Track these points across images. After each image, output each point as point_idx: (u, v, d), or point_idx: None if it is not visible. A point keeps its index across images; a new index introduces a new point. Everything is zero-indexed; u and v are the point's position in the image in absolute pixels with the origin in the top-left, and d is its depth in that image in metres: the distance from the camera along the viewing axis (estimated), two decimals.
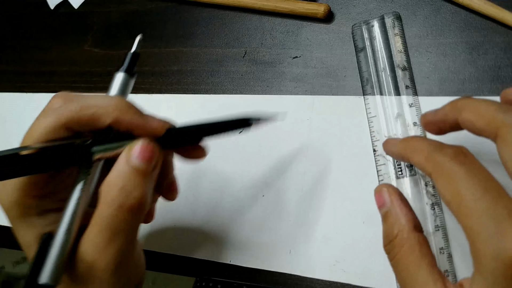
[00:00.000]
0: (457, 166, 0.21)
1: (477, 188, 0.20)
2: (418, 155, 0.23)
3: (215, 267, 0.35)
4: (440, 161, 0.22)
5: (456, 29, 0.34)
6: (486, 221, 0.19)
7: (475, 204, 0.19)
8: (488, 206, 0.19)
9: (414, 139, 0.26)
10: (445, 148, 0.22)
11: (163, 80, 0.42)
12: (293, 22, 0.39)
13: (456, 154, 0.22)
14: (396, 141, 0.27)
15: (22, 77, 0.50)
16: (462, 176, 0.21)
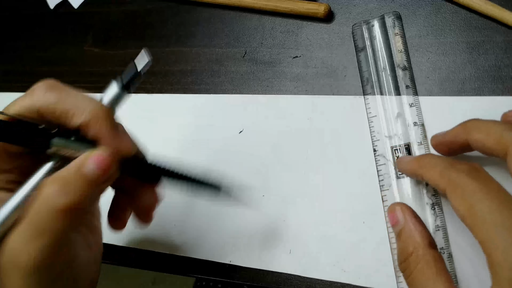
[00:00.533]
0: (471, 181, 0.21)
1: (492, 202, 0.20)
2: (432, 171, 0.24)
3: (215, 267, 0.34)
4: (454, 177, 0.22)
5: (457, 28, 0.34)
6: (502, 233, 0.19)
7: (490, 216, 0.20)
8: (503, 219, 0.19)
9: (428, 157, 0.26)
10: (458, 164, 0.23)
11: (163, 80, 0.42)
12: (293, 22, 0.39)
13: (469, 170, 0.22)
14: (409, 158, 0.28)
15: (22, 77, 0.50)
16: (476, 190, 0.21)
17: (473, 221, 0.21)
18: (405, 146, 0.32)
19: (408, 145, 0.32)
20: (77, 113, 0.24)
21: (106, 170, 0.23)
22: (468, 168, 0.23)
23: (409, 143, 0.32)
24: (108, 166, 0.23)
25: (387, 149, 0.33)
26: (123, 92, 0.26)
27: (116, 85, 0.26)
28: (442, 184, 0.23)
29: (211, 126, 0.39)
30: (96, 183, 0.23)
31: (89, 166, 0.23)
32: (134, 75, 0.26)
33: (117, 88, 0.26)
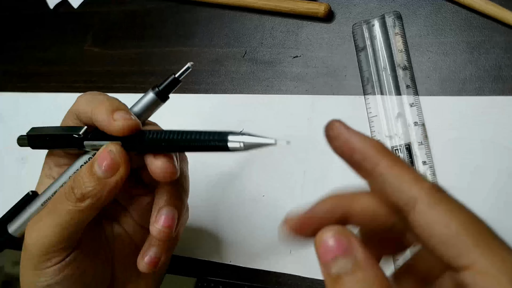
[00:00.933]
0: (448, 196, 0.18)
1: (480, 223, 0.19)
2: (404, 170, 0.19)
3: (216, 267, 0.34)
4: (430, 186, 0.18)
5: (457, 28, 0.33)
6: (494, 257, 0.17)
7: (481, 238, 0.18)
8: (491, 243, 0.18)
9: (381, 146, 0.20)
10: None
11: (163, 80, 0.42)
12: (293, 22, 0.39)
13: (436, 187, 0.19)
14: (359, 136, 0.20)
15: (23, 77, 0.50)
16: (460, 207, 0.19)
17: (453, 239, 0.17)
18: (406, 146, 0.32)
19: (408, 145, 0.32)
20: (86, 111, 0.26)
21: (110, 164, 0.24)
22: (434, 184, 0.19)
23: (410, 143, 0.32)
24: (111, 160, 0.24)
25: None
26: (158, 102, 0.27)
27: (151, 95, 0.27)
28: (415, 190, 0.18)
29: (211, 126, 0.39)
30: (104, 177, 0.24)
31: (95, 164, 0.24)
32: (172, 81, 0.27)
33: (151, 97, 0.27)
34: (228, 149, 0.22)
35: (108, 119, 0.24)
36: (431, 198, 0.18)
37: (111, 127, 0.24)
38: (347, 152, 0.19)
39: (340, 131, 0.20)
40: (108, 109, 0.25)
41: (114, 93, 0.44)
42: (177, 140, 0.24)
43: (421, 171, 0.31)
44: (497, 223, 0.29)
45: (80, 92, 0.45)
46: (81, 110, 0.26)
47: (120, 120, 0.24)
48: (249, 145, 0.22)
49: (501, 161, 0.30)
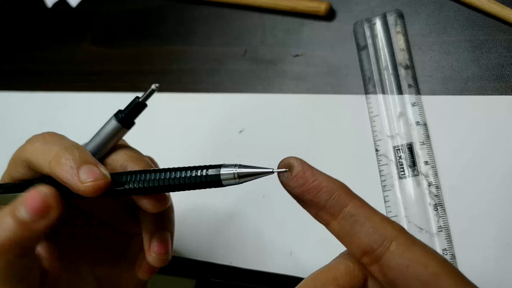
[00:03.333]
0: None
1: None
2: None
3: (216, 268, 0.34)
4: (403, 230, 0.19)
5: (459, 27, 0.33)
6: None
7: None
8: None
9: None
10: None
11: (163, 79, 0.42)
12: (294, 20, 0.38)
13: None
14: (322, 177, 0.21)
15: (21, 76, 0.49)
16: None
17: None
18: (408, 145, 0.32)
19: (410, 145, 0.32)
20: (41, 163, 0.23)
21: (40, 208, 0.21)
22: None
23: (412, 142, 0.32)
24: (41, 202, 0.21)
25: (389, 149, 0.32)
26: (122, 130, 0.25)
27: (114, 123, 0.24)
28: (390, 230, 0.18)
29: (211, 126, 0.38)
30: (30, 224, 0.21)
31: (21, 207, 0.21)
32: (136, 106, 0.24)
33: (114, 126, 0.24)
34: (222, 184, 0.20)
35: (73, 180, 0.22)
36: (407, 239, 0.18)
37: (78, 189, 0.22)
38: (311, 191, 0.19)
39: (302, 168, 0.19)
40: (72, 165, 0.22)
41: (114, 92, 0.43)
42: (158, 184, 0.21)
43: (423, 171, 0.31)
44: (499, 223, 0.29)
45: (79, 92, 0.45)
46: (34, 161, 0.23)
47: (88, 181, 0.22)
48: (244, 176, 0.20)
49: (504, 161, 0.30)
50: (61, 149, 0.23)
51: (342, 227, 0.19)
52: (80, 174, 0.22)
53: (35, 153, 0.23)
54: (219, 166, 0.20)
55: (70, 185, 0.22)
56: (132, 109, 0.24)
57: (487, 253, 0.28)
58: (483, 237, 0.29)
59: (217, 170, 0.20)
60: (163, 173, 0.21)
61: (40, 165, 0.23)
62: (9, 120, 0.47)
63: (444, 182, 0.31)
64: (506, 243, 0.28)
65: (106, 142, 0.24)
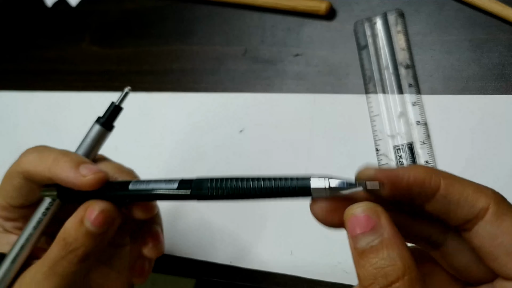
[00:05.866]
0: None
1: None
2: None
3: (216, 268, 0.34)
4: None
5: (460, 26, 0.33)
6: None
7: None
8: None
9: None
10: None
11: (163, 79, 0.42)
12: (294, 19, 0.38)
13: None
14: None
15: (20, 76, 0.49)
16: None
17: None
18: (408, 145, 0.32)
19: (411, 144, 0.32)
20: (41, 171, 0.25)
21: (103, 222, 0.24)
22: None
23: (412, 142, 0.32)
24: (104, 218, 0.24)
25: (389, 148, 0.32)
26: (105, 132, 0.27)
27: (97, 126, 0.27)
28: (483, 201, 0.18)
29: (211, 125, 0.38)
30: (97, 234, 0.24)
31: (88, 221, 0.24)
32: (114, 110, 0.27)
33: (97, 129, 0.27)
34: (311, 195, 0.20)
35: (75, 176, 0.24)
36: (499, 207, 0.18)
37: (81, 183, 0.24)
38: (403, 187, 0.18)
39: (387, 173, 0.19)
40: (71, 165, 0.24)
41: (113, 92, 0.43)
42: (248, 192, 0.21)
43: None
44: None
45: (79, 91, 0.45)
46: (32, 170, 0.25)
47: (89, 174, 0.24)
48: (335, 192, 0.20)
49: (505, 160, 0.30)
50: (58, 154, 0.25)
51: (437, 209, 0.19)
52: (81, 170, 0.24)
53: (33, 163, 0.25)
54: (309, 178, 0.20)
55: (72, 181, 0.24)
56: (111, 113, 0.27)
57: None
58: None
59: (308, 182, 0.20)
60: (251, 182, 0.21)
61: (39, 172, 0.25)
62: (9, 120, 0.47)
63: None
64: None
65: (93, 146, 0.27)
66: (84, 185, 0.24)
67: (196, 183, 0.22)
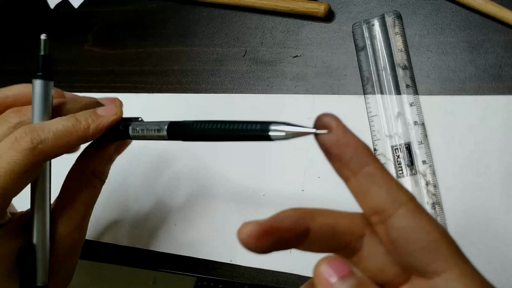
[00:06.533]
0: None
1: None
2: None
3: (216, 266, 0.35)
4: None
5: (457, 28, 0.34)
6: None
7: None
8: None
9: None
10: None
11: (164, 80, 0.42)
12: (294, 21, 0.39)
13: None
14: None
15: (23, 77, 0.49)
16: None
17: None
18: (406, 145, 0.32)
19: (408, 144, 0.32)
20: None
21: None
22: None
23: (410, 142, 0.32)
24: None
25: (387, 148, 0.33)
26: (48, 83, 0.27)
27: (38, 81, 0.27)
28: (402, 195, 0.19)
29: None
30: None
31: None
32: (43, 60, 0.28)
33: (39, 83, 0.27)
34: (270, 138, 0.21)
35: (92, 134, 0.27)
36: (416, 206, 0.19)
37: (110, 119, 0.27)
38: (340, 146, 0.19)
39: (336, 124, 0.20)
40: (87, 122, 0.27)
41: (115, 93, 0.44)
42: (220, 130, 0.23)
43: (421, 170, 0.31)
44: (497, 223, 0.29)
45: (81, 92, 0.45)
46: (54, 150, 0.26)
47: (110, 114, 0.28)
48: (290, 134, 0.21)
49: (501, 160, 0.30)
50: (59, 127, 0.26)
51: (360, 184, 0.19)
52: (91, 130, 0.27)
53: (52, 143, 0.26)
54: (269, 123, 0.22)
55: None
56: (43, 64, 0.28)
57: (485, 252, 0.29)
58: (481, 236, 0.29)
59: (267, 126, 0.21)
60: (220, 124, 0.23)
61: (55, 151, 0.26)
62: None
63: (441, 181, 0.31)
64: (504, 242, 0.29)
65: (46, 101, 0.27)
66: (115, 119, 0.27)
67: (171, 126, 0.26)
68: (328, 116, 0.20)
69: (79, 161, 0.29)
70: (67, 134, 0.26)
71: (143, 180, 0.40)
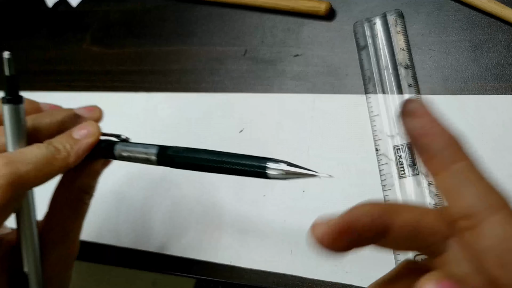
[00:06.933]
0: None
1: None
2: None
3: (216, 268, 0.34)
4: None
5: (459, 27, 0.33)
6: None
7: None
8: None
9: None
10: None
11: (163, 79, 0.42)
12: (294, 20, 0.39)
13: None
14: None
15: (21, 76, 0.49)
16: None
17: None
18: (408, 145, 0.32)
19: (410, 144, 0.32)
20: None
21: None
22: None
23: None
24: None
25: (389, 148, 0.32)
26: (17, 106, 0.25)
27: (5, 106, 0.25)
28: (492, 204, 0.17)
29: (211, 125, 0.39)
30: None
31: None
32: (9, 81, 0.25)
33: (7, 108, 0.25)
34: (267, 176, 0.21)
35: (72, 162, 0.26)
36: (507, 217, 0.17)
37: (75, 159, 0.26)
38: (429, 136, 0.17)
39: (424, 111, 0.18)
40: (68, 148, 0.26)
41: (113, 92, 0.43)
42: (213, 161, 0.23)
43: (423, 170, 0.31)
44: None
45: (79, 92, 0.45)
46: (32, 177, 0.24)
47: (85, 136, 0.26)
48: (290, 174, 0.20)
49: (504, 161, 0.30)
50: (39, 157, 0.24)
51: (450, 182, 0.17)
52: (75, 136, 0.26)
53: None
54: (266, 160, 0.21)
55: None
56: (9, 86, 0.25)
57: None
58: None
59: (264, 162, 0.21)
60: (215, 156, 0.23)
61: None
62: None
63: None
64: None
65: (19, 126, 0.25)
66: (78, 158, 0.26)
67: (161, 150, 0.25)
68: (415, 102, 0.18)
69: (65, 178, 0.27)
70: (47, 165, 0.24)
71: (142, 180, 0.39)
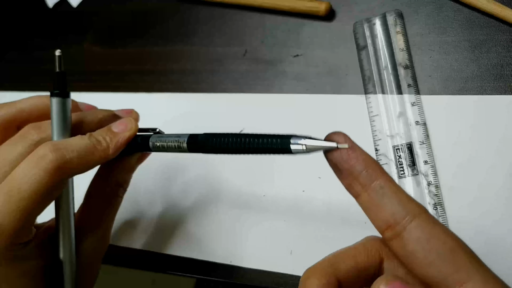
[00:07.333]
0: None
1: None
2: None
3: (216, 267, 0.34)
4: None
5: (459, 27, 0.33)
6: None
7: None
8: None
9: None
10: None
11: (164, 79, 0.42)
12: (294, 20, 0.39)
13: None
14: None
15: (22, 76, 0.49)
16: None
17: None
18: (407, 145, 0.32)
19: (410, 145, 0.32)
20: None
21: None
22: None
23: (411, 142, 0.32)
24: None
25: (389, 148, 0.32)
26: (64, 100, 0.27)
27: (54, 99, 0.27)
28: (414, 206, 0.20)
29: (211, 126, 0.39)
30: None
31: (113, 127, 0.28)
32: (58, 77, 0.27)
33: (55, 101, 0.27)
34: (291, 151, 0.23)
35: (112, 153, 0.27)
36: (429, 217, 0.19)
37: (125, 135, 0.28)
38: (350, 160, 0.20)
39: (345, 140, 0.21)
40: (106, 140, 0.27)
41: (115, 92, 0.44)
42: (240, 143, 0.25)
43: (423, 170, 0.31)
44: (498, 223, 0.29)
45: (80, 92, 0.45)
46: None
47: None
48: (311, 148, 0.22)
49: (504, 160, 0.30)
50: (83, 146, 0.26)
51: (371, 198, 0.20)
52: (114, 129, 0.27)
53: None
54: (289, 137, 0.23)
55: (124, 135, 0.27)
56: (58, 81, 0.27)
57: (487, 253, 0.28)
58: (483, 237, 0.29)
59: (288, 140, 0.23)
60: (241, 138, 0.25)
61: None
62: None
63: (443, 182, 0.31)
64: (505, 242, 0.28)
65: (65, 119, 0.27)
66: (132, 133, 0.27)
67: (191, 140, 0.27)
68: (336, 134, 0.21)
69: (103, 171, 0.29)
70: (89, 154, 0.25)
71: (141, 180, 0.39)
